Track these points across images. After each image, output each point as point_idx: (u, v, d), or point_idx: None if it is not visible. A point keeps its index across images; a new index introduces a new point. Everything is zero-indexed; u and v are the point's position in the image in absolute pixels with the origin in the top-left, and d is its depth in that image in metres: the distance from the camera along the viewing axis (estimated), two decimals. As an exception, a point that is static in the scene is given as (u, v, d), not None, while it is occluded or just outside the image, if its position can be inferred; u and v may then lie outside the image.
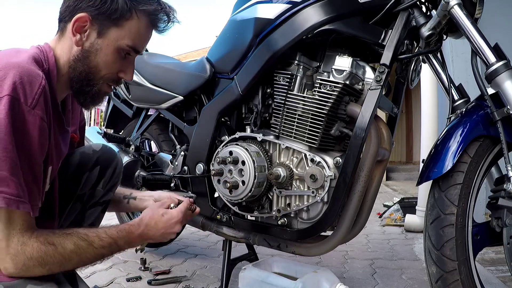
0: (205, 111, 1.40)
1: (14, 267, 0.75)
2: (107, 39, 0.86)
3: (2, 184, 0.70)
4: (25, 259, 0.75)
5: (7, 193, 0.70)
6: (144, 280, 1.61)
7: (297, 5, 1.14)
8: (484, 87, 1.00)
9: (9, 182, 0.70)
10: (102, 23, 0.85)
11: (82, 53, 0.86)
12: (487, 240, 1.03)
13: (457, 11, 1.01)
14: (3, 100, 0.69)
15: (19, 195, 0.72)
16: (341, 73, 1.09)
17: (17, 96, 0.71)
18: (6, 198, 0.70)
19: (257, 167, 1.16)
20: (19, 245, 0.75)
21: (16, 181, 0.71)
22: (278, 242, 1.23)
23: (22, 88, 0.71)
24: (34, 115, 0.73)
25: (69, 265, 0.82)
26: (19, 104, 0.71)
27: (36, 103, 0.73)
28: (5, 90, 0.70)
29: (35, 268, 0.77)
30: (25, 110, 0.72)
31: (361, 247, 2.23)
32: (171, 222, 0.99)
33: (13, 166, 0.70)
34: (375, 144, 1.07)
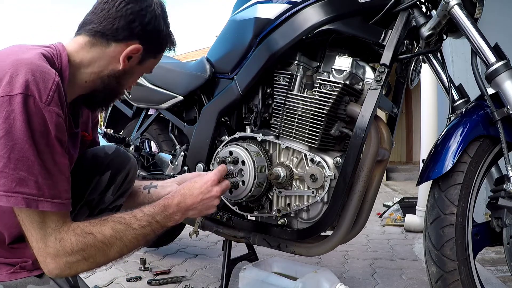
0: (205, 111, 1.40)
1: (57, 267, 0.74)
2: (143, 67, 0.93)
3: (22, 184, 0.68)
4: (66, 255, 0.73)
5: (26, 193, 0.69)
6: (144, 280, 1.61)
7: (297, 5, 1.14)
8: (484, 87, 1.00)
9: (28, 182, 0.69)
10: (147, 55, 0.91)
11: (120, 73, 0.89)
12: (487, 240, 1.03)
13: (457, 11, 1.01)
14: (16, 98, 0.68)
15: (39, 194, 0.70)
16: (341, 73, 1.09)
17: (31, 93, 0.69)
18: (26, 198, 0.69)
19: (257, 167, 1.16)
20: (57, 243, 0.73)
21: (35, 180, 0.69)
22: (278, 242, 1.23)
23: (35, 84, 0.70)
24: (50, 111, 0.71)
25: (113, 252, 0.79)
26: (34, 101, 0.69)
27: (51, 99, 0.71)
28: (17, 88, 0.68)
29: (79, 263, 0.75)
30: (41, 106, 0.70)
31: (361, 247, 2.23)
32: (207, 185, 0.94)
33: (31, 165, 0.69)
34: (375, 144, 1.07)
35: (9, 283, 0.77)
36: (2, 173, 0.67)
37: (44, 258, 0.73)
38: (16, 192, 0.68)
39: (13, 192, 0.68)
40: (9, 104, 0.67)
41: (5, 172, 0.67)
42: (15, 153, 0.67)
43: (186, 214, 0.92)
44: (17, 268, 0.81)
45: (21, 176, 0.68)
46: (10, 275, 0.79)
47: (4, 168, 0.67)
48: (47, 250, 0.73)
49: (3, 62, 0.71)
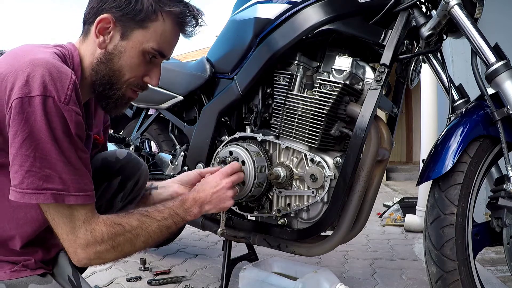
0: (205, 111, 1.40)
1: (87, 257, 0.77)
2: (132, 41, 0.83)
3: (48, 181, 0.71)
4: (97, 245, 0.77)
5: (53, 189, 0.71)
6: (144, 280, 1.61)
7: (297, 5, 1.14)
8: (484, 87, 1.00)
9: (53, 179, 0.71)
10: (126, 25, 0.82)
11: (105, 55, 0.84)
12: (487, 240, 1.03)
13: (457, 11, 1.01)
14: (36, 100, 0.68)
15: (64, 189, 0.72)
16: (341, 73, 1.09)
17: (49, 94, 0.69)
18: (53, 193, 0.71)
19: (257, 167, 1.16)
20: (88, 234, 0.76)
21: (59, 177, 0.72)
22: (278, 242, 1.23)
23: (53, 85, 0.70)
24: (69, 110, 0.72)
25: (139, 242, 0.83)
26: (53, 101, 0.70)
27: (69, 98, 0.72)
28: (36, 90, 0.69)
29: (108, 252, 0.78)
30: (60, 106, 0.71)
31: (361, 247, 2.23)
32: (216, 179, 0.99)
33: (54, 163, 0.71)
34: (375, 144, 1.07)
35: (11, 282, 0.77)
36: (29, 172, 0.69)
37: (74, 249, 0.76)
38: (44, 188, 0.70)
39: (41, 189, 0.70)
40: (29, 105, 0.68)
41: (32, 171, 0.69)
42: (39, 152, 0.70)
43: (202, 207, 0.96)
44: (19, 267, 0.80)
45: (46, 173, 0.70)
46: (12, 274, 0.79)
47: (31, 167, 0.69)
48: (77, 242, 0.76)
49: (18, 62, 0.71)
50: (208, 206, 0.96)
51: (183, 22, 0.88)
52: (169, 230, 0.89)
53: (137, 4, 0.82)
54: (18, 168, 0.70)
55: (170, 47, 0.90)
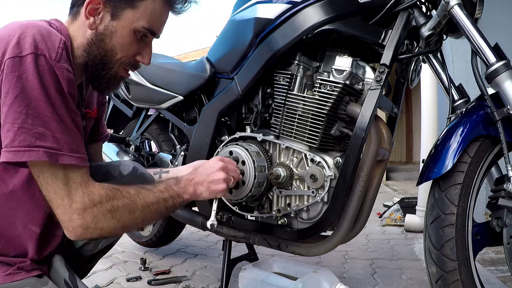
0: (205, 111, 1.40)
1: (83, 224, 0.74)
2: (122, 21, 0.84)
3: (41, 138, 0.70)
4: (94, 208, 0.74)
5: (46, 147, 0.70)
6: (144, 280, 1.61)
7: (297, 5, 1.14)
8: (484, 87, 1.00)
9: (46, 137, 0.70)
10: (116, 5, 0.83)
11: (97, 36, 0.84)
12: (487, 240, 1.03)
13: (457, 11, 1.01)
14: (27, 58, 0.69)
15: (58, 148, 0.71)
16: (341, 73, 1.09)
17: (40, 52, 0.70)
18: (47, 151, 0.70)
19: (257, 167, 1.16)
20: (85, 197, 0.74)
21: (52, 135, 0.71)
22: (278, 242, 1.23)
23: (44, 43, 0.71)
24: (61, 68, 0.72)
25: (137, 212, 0.81)
26: (44, 59, 0.70)
27: (60, 56, 0.73)
28: (27, 49, 0.69)
29: (106, 218, 0.76)
30: (51, 64, 0.71)
31: (361, 247, 2.23)
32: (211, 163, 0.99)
33: (47, 121, 0.70)
34: (375, 144, 1.07)
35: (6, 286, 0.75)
36: (22, 129, 0.68)
37: (69, 216, 0.73)
38: (37, 146, 0.69)
39: (34, 146, 0.69)
40: (20, 64, 0.69)
41: (25, 128, 0.68)
42: (31, 110, 0.69)
43: (196, 188, 0.95)
44: (14, 269, 0.78)
45: (39, 131, 0.69)
46: (6, 277, 0.76)
47: (23, 124, 0.68)
48: (74, 206, 0.73)
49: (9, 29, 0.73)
50: (201, 187, 0.95)
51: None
52: (167, 204, 0.87)
53: None
54: (10, 126, 0.68)
55: (160, 25, 0.91)
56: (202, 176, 0.96)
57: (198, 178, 0.96)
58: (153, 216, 0.86)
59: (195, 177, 0.96)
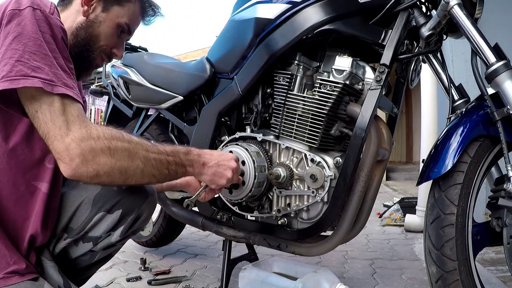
0: (205, 111, 1.40)
1: (80, 152, 0.71)
2: (110, 14, 0.98)
3: (37, 71, 0.72)
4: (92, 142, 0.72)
5: (41, 78, 0.72)
6: (144, 280, 1.61)
7: (297, 5, 1.14)
8: (484, 87, 1.00)
9: (43, 70, 0.73)
10: (107, 0, 0.97)
11: (87, 22, 0.96)
12: (487, 240, 1.03)
13: (457, 11, 1.01)
14: (25, 10, 0.75)
15: (52, 80, 0.73)
16: (341, 73, 1.09)
17: (37, 7, 0.77)
18: (42, 81, 0.71)
19: (257, 167, 1.16)
20: (83, 129, 0.73)
21: (49, 70, 0.74)
22: (278, 242, 1.23)
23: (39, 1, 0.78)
24: (55, 19, 0.79)
25: (137, 160, 0.78)
26: (40, 11, 0.77)
27: (53, 11, 0.80)
28: (25, 4, 0.76)
29: (104, 154, 0.73)
30: (47, 15, 0.78)
31: (361, 247, 2.23)
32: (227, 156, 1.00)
33: (44, 57, 0.74)
34: (375, 144, 1.07)
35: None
36: (18, 62, 0.71)
37: (66, 144, 0.71)
38: (33, 76, 0.71)
39: (29, 76, 0.71)
40: (19, 15, 0.75)
41: (21, 61, 0.71)
42: (29, 48, 0.73)
43: (203, 169, 0.95)
44: (8, 273, 0.76)
45: (35, 65, 0.72)
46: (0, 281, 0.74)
47: (20, 58, 0.71)
48: (71, 135, 0.71)
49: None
50: (207, 171, 0.95)
51: (145, 8, 1.06)
52: (169, 168, 0.85)
53: None
54: (8, 60, 0.71)
55: (135, 26, 1.06)
56: (215, 161, 0.97)
57: (210, 160, 0.96)
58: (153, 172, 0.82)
59: (208, 157, 0.96)
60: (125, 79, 1.72)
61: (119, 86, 1.79)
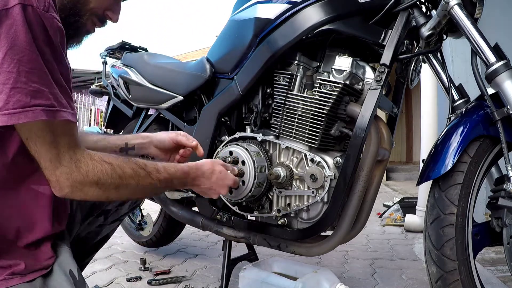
0: (205, 111, 1.40)
1: (69, 184, 0.71)
2: None
3: (37, 96, 0.65)
4: (81, 176, 0.71)
5: (43, 104, 0.66)
6: (144, 280, 1.61)
7: (297, 5, 1.14)
8: (484, 87, 1.00)
9: (42, 93, 0.66)
10: None
11: None
12: (487, 240, 1.03)
13: (457, 11, 1.01)
14: (14, 10, 0.64)
15: (53, 105, 0.68)
16: (341, 73, 1.09)
17: (28, 2, 0.65)
18: (44, 109, 0.66)
19: (257, 167, 1.16)
20: (72, 163, 0.71)
21: (48, 91, 0.67)
22: (278, 242, 1.23)
23: None
24: (50, 17, 0.68)
25: (126, 191, 0.79)
26: (32, 9, 0.65)
27: (48, 5, 0.68)
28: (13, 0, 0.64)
29: (92, 187, 0.73)
30: (40, 14, 0.66)
31: (361, 247, 2.23)
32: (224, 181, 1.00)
33: (42, 75, 0.66)
34: (375, 144, 1.07)
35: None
36: (14, 89, 0.64)
37: (56, 178, 0.70)
38: (33, 105, 0.65)
39: (30, 106, 0.65)
40: (8, 17, 0.63)
41: (18, 87, 0.64)
42: (23, 65, 0.64)
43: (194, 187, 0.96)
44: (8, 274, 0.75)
45: (34, 88, 0.65)
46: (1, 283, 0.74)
47: (15, 83, 0.64)
48: (61, 169, 0.70)
49: None
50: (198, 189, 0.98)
51: None
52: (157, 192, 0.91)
53: None
54: (2, 87, 0.63)
55: None
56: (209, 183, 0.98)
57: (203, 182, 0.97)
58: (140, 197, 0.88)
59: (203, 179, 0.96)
60: (125, 79, 1.73)
61: (119, 86, 1.79)
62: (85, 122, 10.43)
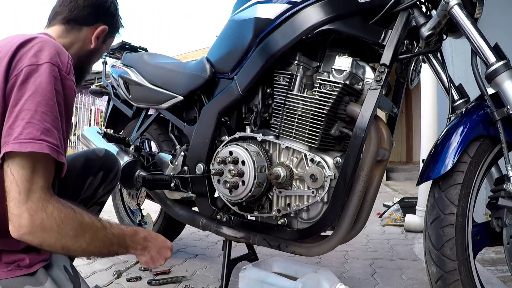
0: (205, 111, 1.40)
1: (30, 223, 0.73)
2: (106, 45, 1.13)
3: (47, 134, 0.75)
4: (44, 216, 0.74)
5: (51, 142, 0.75)
6: (144, 280, 1.61)
7: (297, 5, 1.14)
8: (484, 87, 1.00)
9: (52, 133, 0.76)
10: (108, 35, 1.11)
11: (90, 51, 1.08)
12: (487, 240, 1.03)
13: (457, 11, 1.01)
14: (44, 66, 0.78)
15: (59, 146, 0.77)
16: (341, 73, 1.09)
17: (55, 63, 0.80)
18: (49, 146, 0.74)
19: (257, 167, 1.16)
20: (40, 202, 0.74)
21: (57, 134, 0.77)
22: (278, 242, 1.23)
23: (58, 57, 0.81)
24: (70, 80, 0.83)
25: (82, 240, 0.80)
26: (58, 69, 0.80)
27: (69, 70, 0.83)
28: (44, 58, 0.79)
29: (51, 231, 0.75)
30: (63, 75, 0.81)
31: (361, 247, 2.23)
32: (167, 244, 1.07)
33: (55, 120, 0.77)
34: (375, 144, 1.07)
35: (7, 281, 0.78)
36: (29, 123, 0.73)
37: (20, 212, 0.72)
38: (42, 140, 0.74)
39: (38, 139, 0.74)
40: (37, 71, 0.77)
41: (32, 122, 0.74)
42: (41, 107, 0.75)
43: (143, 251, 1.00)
44: (15, 266, 0.81)
45: (46, 127, 0.75)
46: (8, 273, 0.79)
47: (31, 119, 0.74)
48: (27, 204, 0.73)
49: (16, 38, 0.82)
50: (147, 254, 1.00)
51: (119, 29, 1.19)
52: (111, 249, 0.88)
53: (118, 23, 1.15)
54: (20, 122, 0.73)
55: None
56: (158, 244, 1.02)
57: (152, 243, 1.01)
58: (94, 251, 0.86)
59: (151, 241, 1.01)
60: (125, 79, 1.73)
61: (119, 86, 1.79)
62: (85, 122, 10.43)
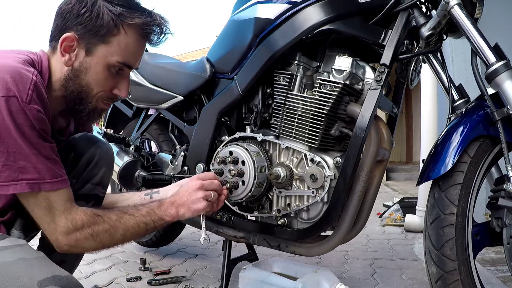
0: (205, 111, 1.40)
1: (67, 243, 0.82)
2: (96, 57, 0.86)
3: (23, 172, 0.77)
4: (76, 232, 0.82)
5: (28, 178, 0.77)
6: (144, 280, 1.61)
7: (297, 5, 1.14)
8: (484, 87, 1.00)
9: (28, 170, 0.77)
10: (89, 41, 0.85)
11: (72, 72, 0.87)
12: (487, 240, 1.03)
13: (457, 11, 1.01)
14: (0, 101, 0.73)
15: (39, 177, 0.78)
16: (341, 73, 1.09)
17: (12, 94, 0.74)
18: (29, 183, 0.77)
19: (257, 167, 1.16)
20: (68, 222, 0.82)
21: (33, 167, 0.78)
22: (278, 242, 1.23)
23: (15, 86, 0.75)
24: (31, 109, 0.76)
25: (117, 235, 0.88)
26: (16, 100, 0.75)
27: (30, 98, 0.76)
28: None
29: (87, 241, 0.84)
30: (22, 106, 0.75)
31: (361, 247, 2.23)
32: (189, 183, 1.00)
33: (27, 156, 0.77)
34: (375, 144, 1.07)
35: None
36: (5, 166, 0.76)
37: (55, 237, 0.82)
38: (20, 179, 0.77)
39: (17, 180, 0.77)
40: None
41: (8, 165, 0.76)
42: (11, 148, 0.75)
43: (178, 210, 0.97)
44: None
45: (21, 165, 0.77)
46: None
47: (6, 161, 0.76)
48: (58, 230, 0.81)
49: None
50: (183, 209, 0.97)
51: (147, 32, 0.91)
52: (147, 227, 0.93)
53: (98, 20, 0.84)
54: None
55: (136, 58, 0.93)
56: (183, 197, 0.98)
57: (179, 200, 0.98)
58: (134, 237, 0.93)
59: (177, 199, 0.98)
60: (125, 79, 1.72)
61: (119, 86, 1.79)
62: (85, 122, 10.42)
